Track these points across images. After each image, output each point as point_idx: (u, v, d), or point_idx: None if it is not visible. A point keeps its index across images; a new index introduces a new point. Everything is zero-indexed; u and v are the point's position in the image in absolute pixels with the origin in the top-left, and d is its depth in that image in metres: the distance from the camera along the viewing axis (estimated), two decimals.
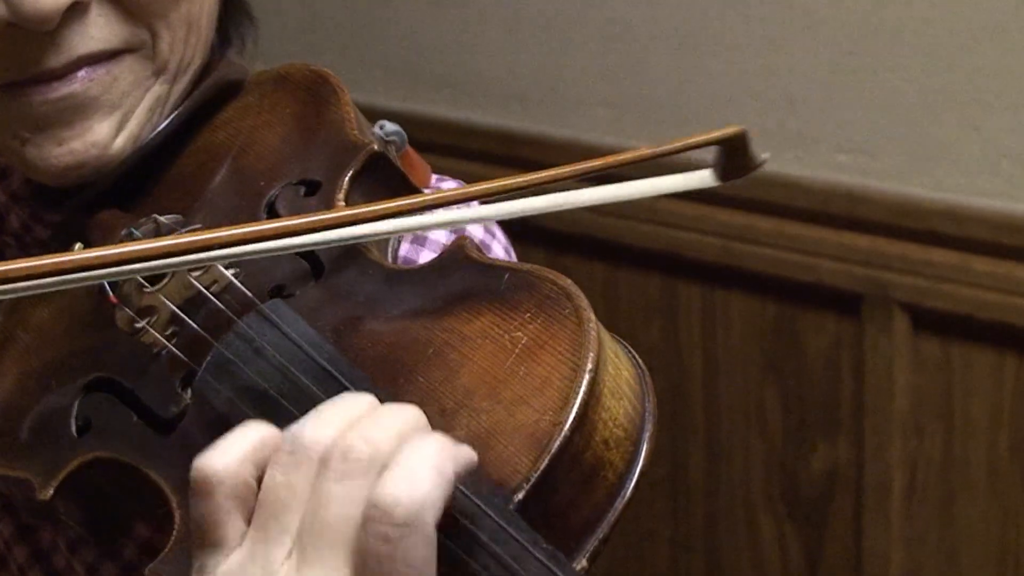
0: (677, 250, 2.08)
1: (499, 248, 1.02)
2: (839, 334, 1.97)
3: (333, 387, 0.74)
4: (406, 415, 0.69)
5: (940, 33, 1.80)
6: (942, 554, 1.94)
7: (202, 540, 0.69)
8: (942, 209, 1.84)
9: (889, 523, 1.95)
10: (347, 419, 0.68)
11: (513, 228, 1.06)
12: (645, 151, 0.75)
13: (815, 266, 1.95)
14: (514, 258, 1.03)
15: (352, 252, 0.83)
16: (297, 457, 0.67)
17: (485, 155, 2.20)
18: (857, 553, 2.00)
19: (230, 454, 0.68)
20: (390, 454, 0.66)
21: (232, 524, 0.68)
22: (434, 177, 1.01)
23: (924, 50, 1.82)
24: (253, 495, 0.68)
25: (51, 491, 0.82)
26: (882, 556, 1.97)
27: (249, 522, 0.68)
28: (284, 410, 0.75)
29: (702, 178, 0.77)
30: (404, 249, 0.95)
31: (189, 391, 0.81)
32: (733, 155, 0.76)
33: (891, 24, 1.84)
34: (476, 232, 1.00)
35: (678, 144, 0.75)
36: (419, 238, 0.97)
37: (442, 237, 0.97)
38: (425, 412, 0.71)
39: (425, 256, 0.97)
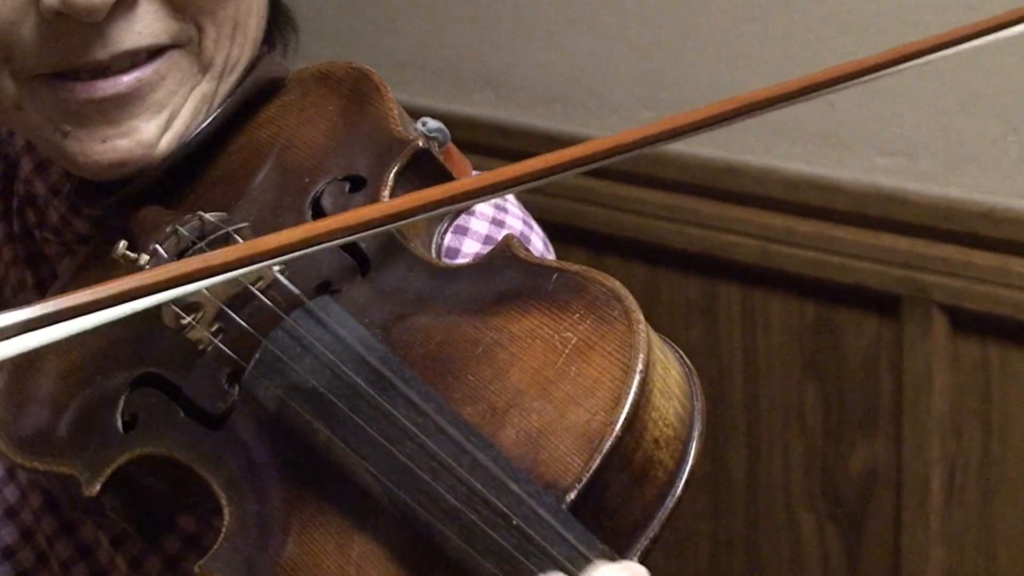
0: (717, 252, 2.07)
1: (538, 240, 1.01)
2: (878, 335, 1.96)
3: (385, 386, 0.73)
4: None
5: None
6: (981, 553, 1.93)
7: None
8: (981, 211, 1.84)
9: (928, 522, 1.95)
10: None
11: (554, 229, 1.06)
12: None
13: (854, 268, 1.95)
14: (552, 251, 1.02)
15: (397, 248, 0.83)
16: None
17: (527, 156, 2.16)
18: (896, 551, 2.00)
19: None
20: None
21: None
22: (475, 174, 1.01)
23: (962, 52, 1.82)
24: None
25: (98, 487, 0.81)
26: (921, 554, 1.97)
27: None
28: (336, 408, 0.74)
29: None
30: (447, 239, 0.94)
31: (236, 387, 0.80)
32: None
33: (929, 26, 1.84)
34: (515, 224, 1.00)
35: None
36: (460, 227, 0.96)
37: (483, 228, 0.97)
38: (474, 410, 0.71)
39: (468, 245, 0.96)
